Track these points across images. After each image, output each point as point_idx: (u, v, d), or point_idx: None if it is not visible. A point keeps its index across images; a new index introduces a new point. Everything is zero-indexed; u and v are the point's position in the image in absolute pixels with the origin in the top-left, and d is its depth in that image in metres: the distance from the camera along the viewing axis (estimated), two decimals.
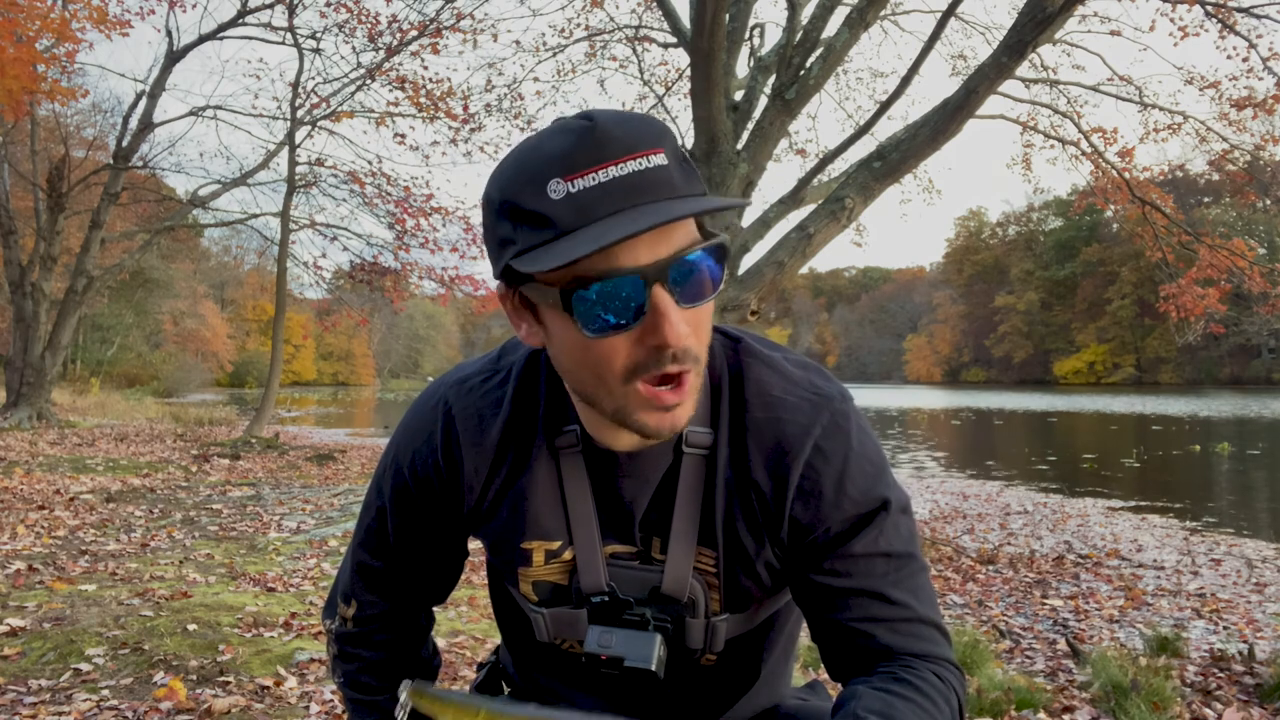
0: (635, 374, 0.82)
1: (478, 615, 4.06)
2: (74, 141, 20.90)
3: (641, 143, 0.79)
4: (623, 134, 0.78)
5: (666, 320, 0.79)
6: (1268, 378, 64.64)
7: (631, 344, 0.81)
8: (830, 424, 0.94)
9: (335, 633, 1.16)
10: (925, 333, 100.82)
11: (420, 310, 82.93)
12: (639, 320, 0.80)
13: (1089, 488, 11.80)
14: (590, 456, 0.98)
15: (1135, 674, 3.25)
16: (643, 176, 0.78)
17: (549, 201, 0.77)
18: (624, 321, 0.80)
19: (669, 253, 0.79)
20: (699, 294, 0.82)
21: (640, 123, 0.81)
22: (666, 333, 0.79)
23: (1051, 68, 11.55)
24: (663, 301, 0.79)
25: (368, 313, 20.02)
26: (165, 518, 6.66)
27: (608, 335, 0.80)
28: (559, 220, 0.77)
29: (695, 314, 0.83)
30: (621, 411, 0.85)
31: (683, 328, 0.80)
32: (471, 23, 12.36)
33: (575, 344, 0.83)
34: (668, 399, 0.83)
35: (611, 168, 0.77)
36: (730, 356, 0.99)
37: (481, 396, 1.01)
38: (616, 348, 0.81)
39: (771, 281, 5.64)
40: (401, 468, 1.05)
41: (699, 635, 0.99)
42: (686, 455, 0.96)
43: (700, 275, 0.82)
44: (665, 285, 0.79)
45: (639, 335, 0.80)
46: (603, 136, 0.78)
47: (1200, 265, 10.52)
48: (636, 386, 0.83)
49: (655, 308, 0.79)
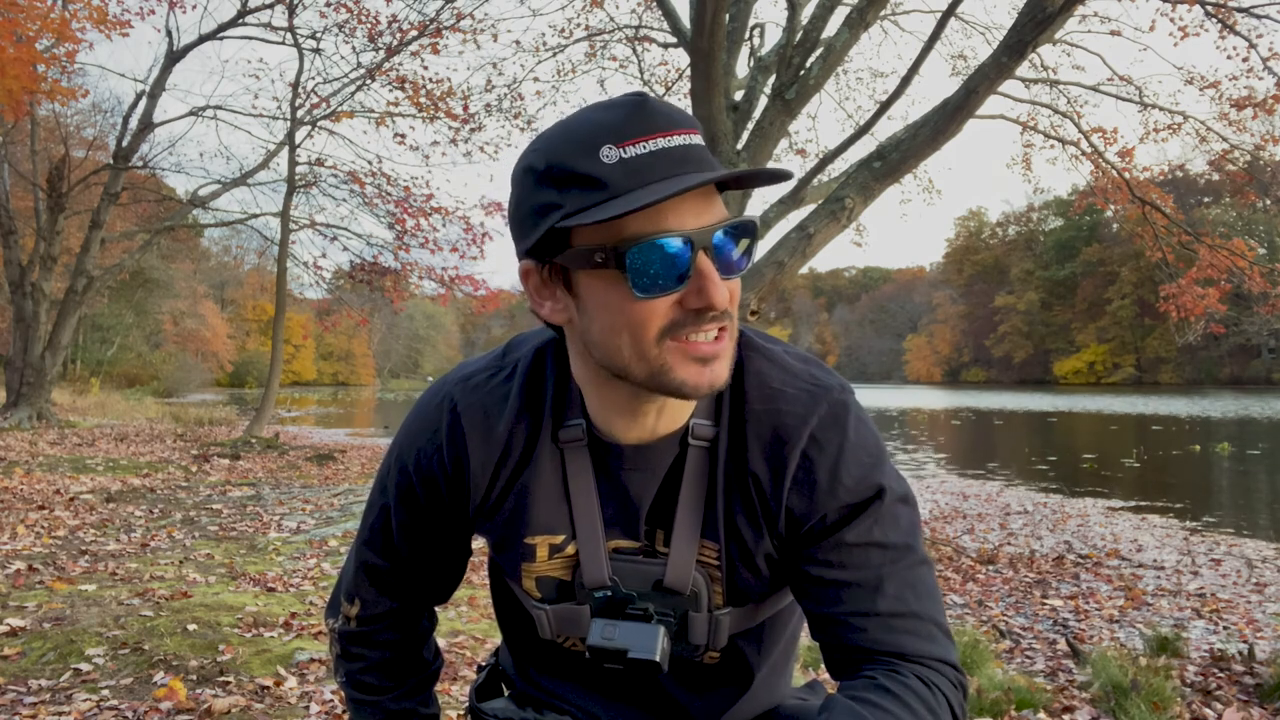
0: (669, 333, 0.85)
1: (478, 615, 4.06)
2: (74, 141, 20.91)
3: (685, 122, 0.85)
4: (668, 111, 0.85)
5: (712, 282, 0.83)
6: (1268, 378, 64.62)
7: (671, 305, 0.84)
8: (827, 414, 0.94)
9: (338, 632, 1.17)
10: (925, 333, 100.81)
11: (420, 310, 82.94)
12: (682, 284, 0.83)
13: (1089, 488, 11.80)
14: (596, 450, 0.98)
15: (1135, 674, 3.25)
16: (687, 150, 0.83)
17: (602, 165, 0.81)
18: (667, 285, 0.83)
19: (711, 222, 0.84)
20: (734, 265, 0.87)
21: (680, 109, 0.87)
22: (713, 294, 0.83)
23: (1051, 68, 11.57)
24: (707, 266, 0.83)
25: (368, 313, 20.02)
26: (165, 518, 6.66)
27: (654, 296, 0.83)
28: (612, 182, 0.81)
29: (733, 284, 0.88)
30: (659, 373, 0.86)
31: (725, 291, 0.84)
32: (471, 23, 12.38)
33: (616, 307, 0.85)
34: (706, 350, 0.85)
35: (661, 138, 0.82)
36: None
37: (488, 393, 1.01)
38: (656, 309, 0.84)
39: (771, 281, 5.64)
40: (406, 465, 1.05)
41: (702, 630, 0.99)
42: (691, 448, 0.96)
43: (736, 248, 0.87)
44: (709, 251, 0.84)
45: (681, 298, 0.84)
46: (652, 110, 0.83)
47: (1200, 265, 10.53)
48: (670, 344, 0.85)
49: (700, 271, 0.83)
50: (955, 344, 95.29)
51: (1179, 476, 13.37)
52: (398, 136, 19.67)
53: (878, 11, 6.93)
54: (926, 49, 5.55)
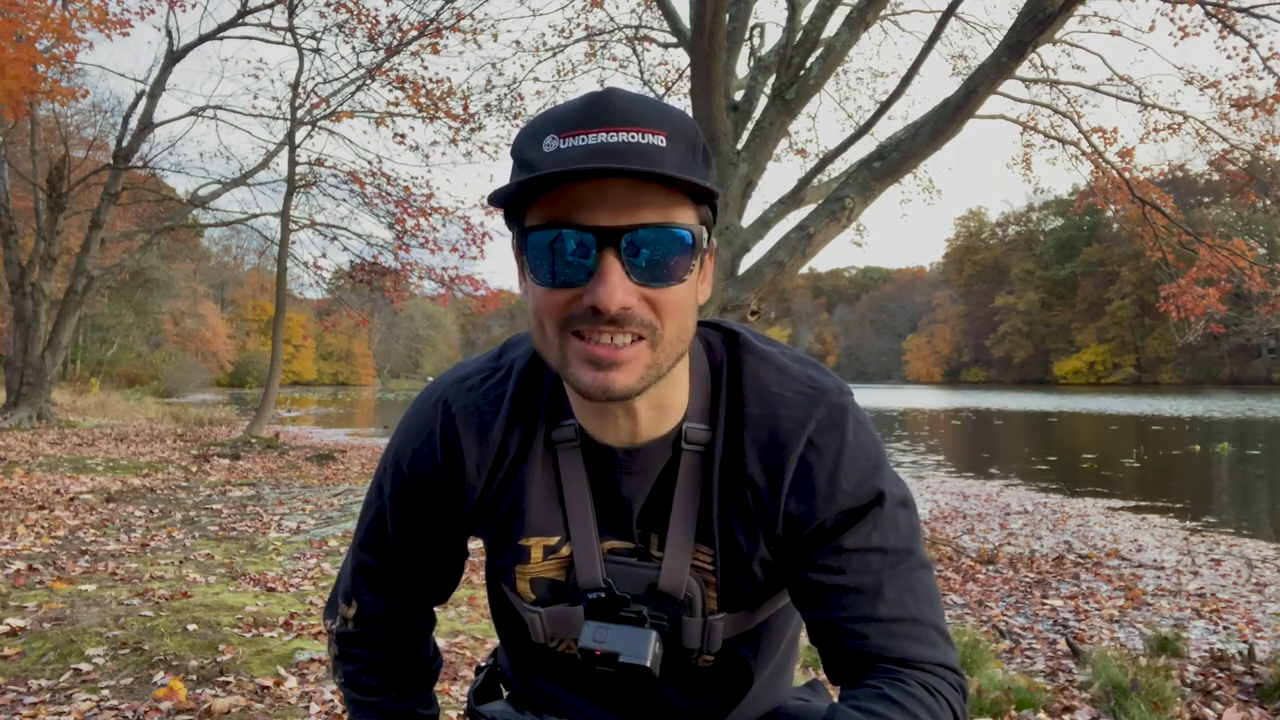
0: (568, 326, 0.84)
1: (478, 615, 4.06)
2: (74, 141, 20.91)
3: (644, 120, 0.81)
4: (629, 108, 0.81)
5: (604, 283, 0.80)
6: (1268, 378, 64.60)
7: (572, 299, 0.83)
8: (825, 418, 0.94)
9: (336, 633, 1.16)
10: (925, 333, 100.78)
11: (420, 310, 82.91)
12: (586, 280, 0.82)
13: (1089, 488, 11.80)
14: (589, 453, 0.98)
15: (1135, 674, 3.25)
16: (633, 147, 0.79)
17: (540, 154, 0.81)
18: (570, 279, 0.82)
19: (629, 222, 0.81)
20: (660, 274, 0.83)
21: (655, 107, 0.83)
22: (599, 293, 0.80)
23: (1051, 68, 11.56)
24: (608, 265, 0.81)
25: (368, 313, 20.01)
26: (165, 518, 6.66)
27: (551, 287, 0.83)
28: (539, 166, 0.80)
29: (659, 295, 0.83)
30: (562, 367, 0.86)
31: (621, 292, 0.80)
32: (471, 23, 12.37)
33: (531, 292, 0.86)
34: (601, 354, 0.83)
35: (604, 133, 0.80)
36: (729, 352, 0.99)
37: (482, 395, 1.01)
38: (556, 299, 0.83)
39: (771, 281, 5.63)
40: (401, 466, 1.05)
41: (695, 634, 0.99)
42: (685, 452, 0.96)
43: (663, 256, 0.82)
44: (617, 252, 0.81)
45: (581, 293, 0.82)
46: (608, 105, 0.81)
47: (1200, 265, 10.52)
48: (571, 339, 0.84)
49: (599, 270, 0.81)
50: (955, 344, 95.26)
51: (1179, 476, 13.37)
52: (398, 136, 19.67)
53: (878, 11, 6.93)
54: (926, 49, 5.55)
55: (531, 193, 0.83)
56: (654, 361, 0.85)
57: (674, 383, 0.93)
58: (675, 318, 0.85)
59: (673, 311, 0.84)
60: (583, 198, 0.81)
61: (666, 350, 0.86)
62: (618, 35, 11.44)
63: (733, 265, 5.93)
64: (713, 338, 1.02)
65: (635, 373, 0.84)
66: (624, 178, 0.79)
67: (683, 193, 0.83)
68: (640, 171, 0.78)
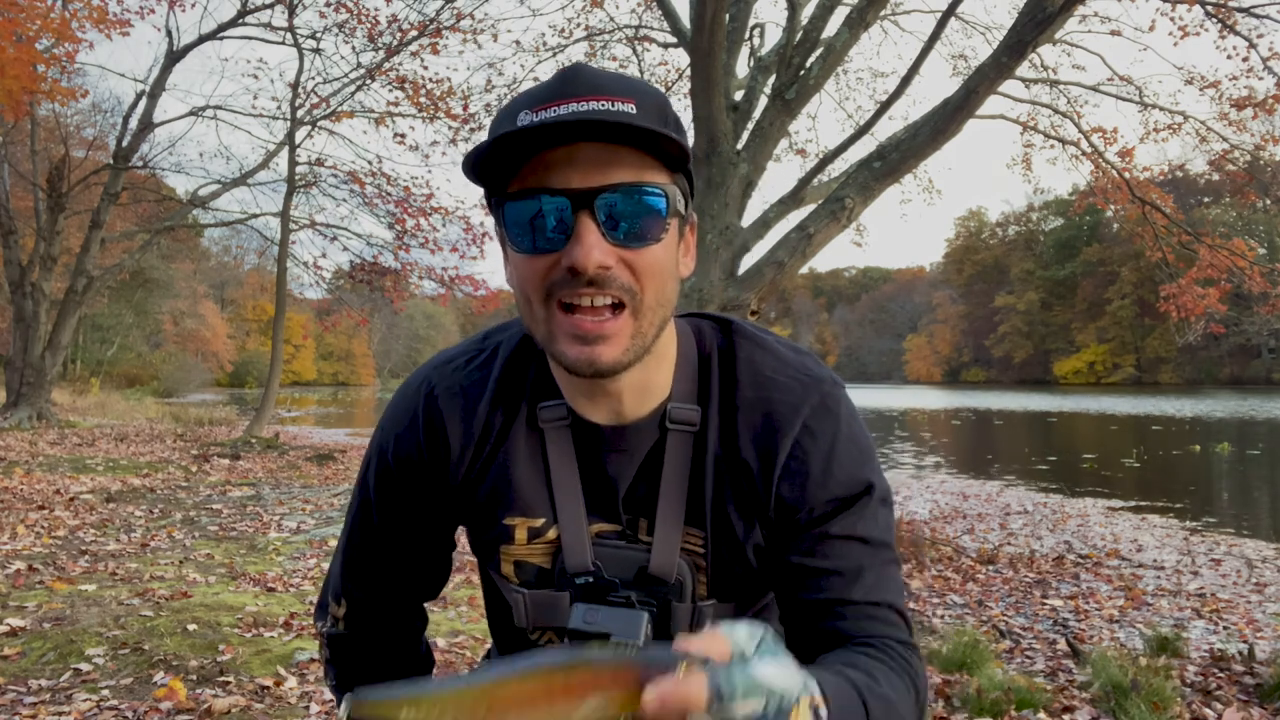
0: (553, 294, 0.85)
1: (478, 615, 4.06)
2: (74, 141, 20.91)
3: (612, 89, 0.83)
4: (596, 79, 0.83)
5: (580, 243, 0.82)
6: (1268, 378, 64.61)
7: (551, 264, 0.84)
8: (820, 405, 0.95)
9: (327, 635, 1.15)
10: (925, 333, 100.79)
11: (420, 310, 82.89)
12: (564, 245, 0.83)
13: (1089, 488, 11.80)
14: (577, 432, 0.97)
15: (1135, 674, 3.25)
16: (602, 113, 0.81)
17: (513, 128, 0.82)
18: (548, 243, 0.84)
19: (602, 183, 0.82)
20: (638, 234, 0.84)
21: (622, 78, 0.85)
22: (576, 254, 0.82)
23: (1051, 68, 11.56)
24: (583, 226, 0.82)
25: (368, 313, 20.00)
26: (165, 518, 6.66)
27: (531, 254, 0.85)
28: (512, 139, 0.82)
29: (636, 256, 0.85)
30: (548, 341, 0.88)
31: (598, 251, 0.82)
32: (471, 23, 12.37)
33: (512, 263, 0.88)
34: (587, 328, 0.84)
35: (573, 103, 0.81)
36: (720, 337, 1.00)
37: (466, 375, 1.01)
38: (536, 266, 0.85)
39: (771, 281, 5.63)
40: (385, 453, 1.04)
41: (685, 620, 0.98)
42: (671, 432, 0.96)
43: (640, 215, 0.84)
44: (591, 213, 0.82)
45: (559, 257, 0.83)
46: (576, 77, 0.83)
47: (1200, 265, 10.52)
48: (556, 312, 0.85)
49: (575, 231, 0.82)
50: (955, 344, 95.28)
51: (1179, 476, 13.37)
52: (398, 136, 19.66)
53: (878, 11, 6.93)
54: (926, 49, 5.55)
55: (506, 166, 0.85)
56: (637, 330, 0.87)
57: (657, 361, 0.95)
58: (654, 281, 0.86)
59: (651, 274, 0.86)
60: (555, 164, 0.83)
61: (648, 316, 0.87)
62: (618, 35, 11.44)
63: (733, 265, 5.93)
64: (704, 325, 1.03)
65: (620, 344, 0.86)
66: (591, 138, 0.81)
67: (655, 158, 0.85)
68: (607, 123, 0.79)
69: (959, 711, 3.08)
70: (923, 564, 6.30)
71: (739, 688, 0.63)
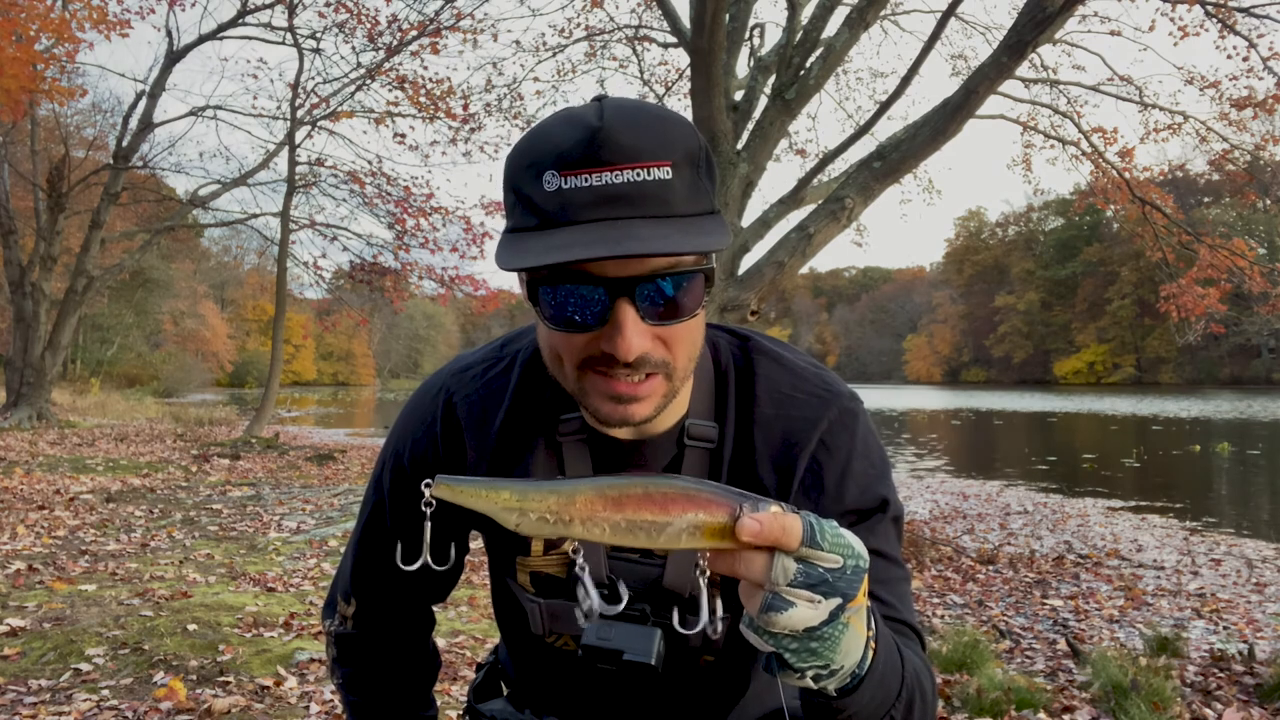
0: (588, 365, 0.85)
1: (478, 615, 4.06)
2: (74, 141, 20.91)
3: (646, 152, 0.79)
4: (629, 140, 0.78)
5: (620, 334, 0.80)
6: (1268, 378, 64.58)
7: (588, 341, 0.83)
8: (837, 420, 0.95)
9: (335, 634, 1.16)
10: (925, 333, 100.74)
11: (420, 310, 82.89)
12: (601, 325, 0.81)
13: (1089, 488, 11.80)
14: (594, 445, 0.98)
15: (1135, 674, 3.25)
16: (638, 188, 0.78)
17: (543, 191, 0.79)
18: (584, 323, 0.82)
19: (640, 271, 0.80)
20: (671, 313, 0.82)
21: (653, 130, 0.80)
22: (617, 344, 0.80)
23: (1051, 68, 11.55)
24: (623, 315, 0.80)
25: (368, 313, 20.01)
26: (165, 518, 6.66)
27: (568, 332, 0.83)
28: (544, 210, 0.79)
29: (670, 331, 0.83)
30: (580, 397, 0.88)
31: (637, 340, 0.80)
32: (471, 23, 12.36)
33: (543, 329, 0.87)
34: (623, 390, 0.84)
35: (606, 173, 0.77)
36: (738, 353, 1.00)
37: (485, 385, 1.01)
38: (574, 342, 0.84)
39: (771, 281, 5.63)
40: (401, 457, 1.04)
41: (698, 636, 0.98)
42: (689, 448, 0.96)
43: (674, 296, 0.82)
44: (631, 301, 0.80)
45: (596, 337, 0.82)
46: (607, 138, 0.78)
47: (1200, 265, 10.52)
48: (590, 374, 0.85)
49: (614, 319, 0.80)
50: (955, 344, 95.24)
51: (1179, 476, 13.36)
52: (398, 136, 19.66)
53: (878, 11, 6.93)
54: (926, 49, 5.55)
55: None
56: (670, 390, 0.87)
57: None
58: (687, 347, 0.86)
59: (685, 342, 0.86)
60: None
61: (680, 375, 0.87)
62: (618, 35, 11.43)
63: (733, 265, 5.93)
64: (720, 339, 1.02)
65: (654, 403, 0.86)
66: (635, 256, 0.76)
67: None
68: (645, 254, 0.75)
69: (959, 711, 3.08)
70: (923, 564, 6.30)
71: (829, 538, 0.66)
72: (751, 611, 0.68)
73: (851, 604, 0.68)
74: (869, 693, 0.75)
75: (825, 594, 0.66)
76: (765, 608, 0.66)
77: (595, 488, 0.67)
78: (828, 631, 0.67)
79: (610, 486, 0.67)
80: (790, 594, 0.66)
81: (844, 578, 0.67)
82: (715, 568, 0.69)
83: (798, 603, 0.66)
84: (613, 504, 0.66)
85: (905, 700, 0.81)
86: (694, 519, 0.66)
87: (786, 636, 0.67)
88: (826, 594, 0.66)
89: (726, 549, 0.67)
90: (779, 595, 0.66)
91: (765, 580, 0.66)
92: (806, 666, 0.69)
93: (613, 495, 0.66)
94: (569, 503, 0.67)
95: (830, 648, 0.68)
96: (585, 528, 0.67)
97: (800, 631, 0.67)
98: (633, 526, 0.66)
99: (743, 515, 0.65)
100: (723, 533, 0.66)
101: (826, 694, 0.73)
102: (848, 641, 0.69)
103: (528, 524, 0.68)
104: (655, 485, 0.67)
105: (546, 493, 0.67)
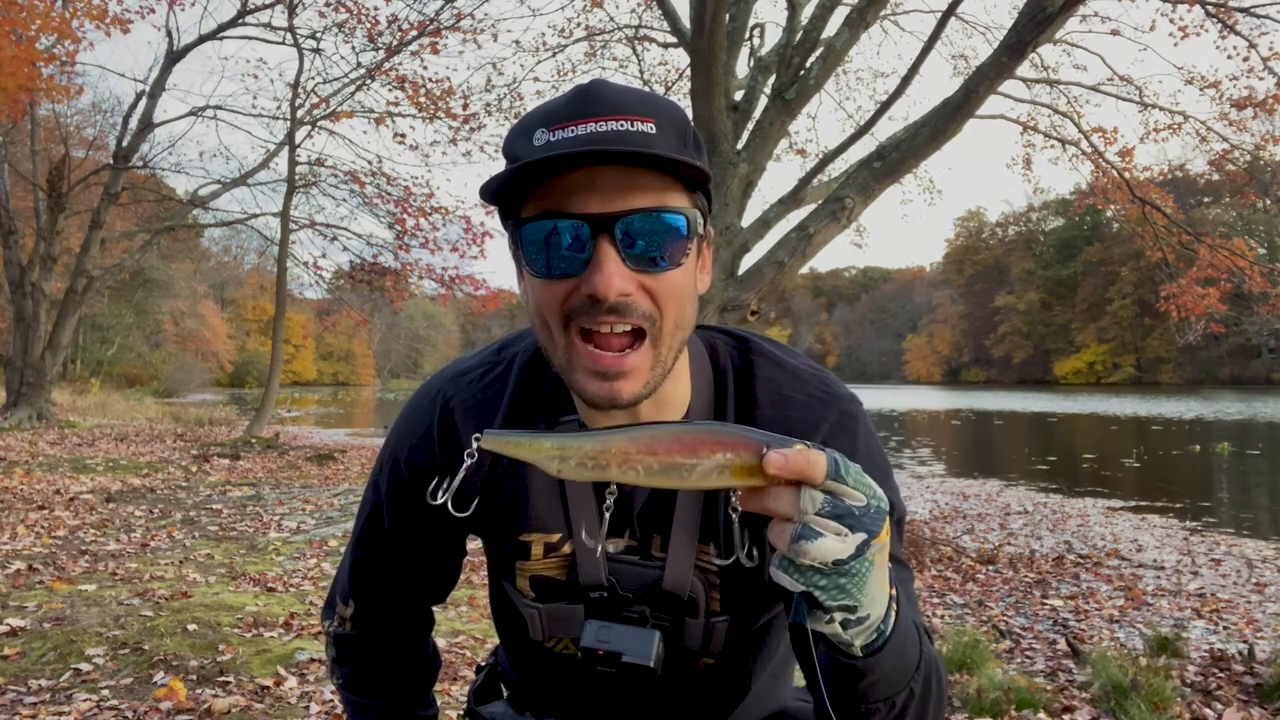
0: (571, 319, 0.84)
1: (478, 615, 4.06)
2: (74, 141, 20.90)
3: (632, 108, 0.81)
4: (615, 98, 0.82)
5: (600, 271, 0.80)
6: (1268, 378, 64.56)
7: (570, 290, 0.83)
8: (838, 422, 0.95)
9: (334, 635, 1.16)
10: (925, 333, 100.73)
11: (420, 310, 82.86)
12: (582, 271, 0.82)
13: (1089, 488, 11.80)
14: None
15: (1135, 674, 3.25)
16: (621, 135, 0.80)
17: (531, 148, 0.81)
18: (567, 268, 0.82)
19: (622, 208, 0.80)
20: (658, 259, 0.82)
21: (640, 95, 0.84)
22: (596, 281, 0.80)
23: (1051, 68, 11.56)
24: (603, 252, 0.80)
25: (368, 313, 20.00)
26: (165, 518, 6.66)
27: (549, 279, 0.83)
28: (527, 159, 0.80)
29: (656, 281, 0.83)
30: (566, 369, 0.87)
31: (618, 279, 0.80)
32: (471, 23, 12.38)
33: (529, 286, 0.86)
34: (607, 364, 0.83)
35: (591, 123, 0.80)
36: (737, 355, 0.99)
37: (482, 389, 1.01)
38: (555, 291, 0.83)
39: (771, 281, 5.63)
40: (399, 462, 1.04)
41: (697, 636, 0.98)
42: None
43: (661, 240, 0.82)
44: (611, 238, 0.80)
45: (578, 283, 0.82)
46: (594, 95, 0.82)
47: (1200, 265, 10.52)
48: (575, 339, 0.84)
49: (595, 258, 0.81)
50: (955, 344, 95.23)
51: (1179, 476, 13.36)
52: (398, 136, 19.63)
53: (878, 11, 6.93)
54: (926, 49, 5.55)
55: (524, 187, 0.83)
56: (657, 360, 0.85)
57: (675, 378, 0.94)
58: (674, 305, 0.85)
59: (671, 298, 0.84)
60: (574, 187, 0.81)
61: (668, 342, 0.86)
62: (618, 35, 11.44)
63: (733, 265, 5.93)
64: (719, 341, 1.02)
65: (640, 378, 0.85)
66: (612, 163, 0.79)
67: (675, 178, 0.83)
68: (627, 153, 0.78)
69: (959, 711, 3.08)
70: (923, 564, 6.30)
71: (853, 475, 0.70)
72: (782, 547, 0.69)
73: (876, 540, 0.69)
74: (892, 657, 0.76)
75: (851, 527, 0.68)
76: (795, 537, 0.68)
77: (628, 435, 0.71)
78: (855, 566, 0.69)
79: (643, 432, 0.71)
80: (819, 523, 0.68)
81: (868, 514, 0.69)
82: (747, 506, 0.71)
83: (826, 534, 0.68)
84: (646, 448, 0.70)
85: (924, 674, 0.81)
86: (722, 459, 0.70)
87: (816, 572, 0.68)
88: (853, 527, 0.68)
89: (755, 486, 0.70)
90: (808, 525, 0.68)
91: (794, 511, 0.68)
92: (835, 605, 0.70)
93: (645, 440, 0.71)
94: (605, 449, 0.71)
95: (858, 585, 0.69)
96: (621, 470, 0.71)
97: (830, 564, 0.68)
98: (665, 468, 0.70)
99: (769, 451, 0.68)
100: (750, 471, 0.69)
101: (852, 654, 0.74)
102: (874, 584, 0.70)
103: (568, 469, 0.72)
104: (685, 430, 0.71)
105: (585, 440, 0.71)
